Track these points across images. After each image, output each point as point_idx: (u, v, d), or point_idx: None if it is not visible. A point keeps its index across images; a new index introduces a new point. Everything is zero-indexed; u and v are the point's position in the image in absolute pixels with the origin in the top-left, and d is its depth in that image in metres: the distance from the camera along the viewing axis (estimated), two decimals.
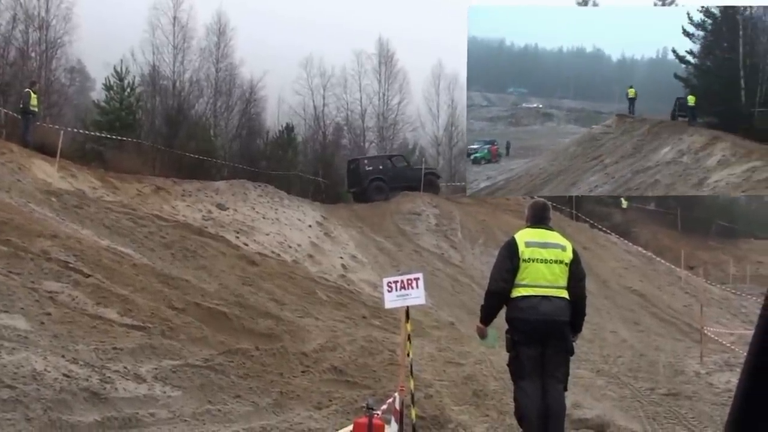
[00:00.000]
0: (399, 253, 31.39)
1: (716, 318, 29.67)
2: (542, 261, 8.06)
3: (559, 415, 8.13)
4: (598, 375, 14.44)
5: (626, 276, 35.71)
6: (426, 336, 17.97)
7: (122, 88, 37.19)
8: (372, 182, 39.05)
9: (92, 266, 14.30)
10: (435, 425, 9.31)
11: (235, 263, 21.71)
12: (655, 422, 10.75)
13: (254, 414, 9.30)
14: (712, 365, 15.98)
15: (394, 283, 8.71)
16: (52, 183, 23.25)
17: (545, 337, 8.08)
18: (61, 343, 9.99)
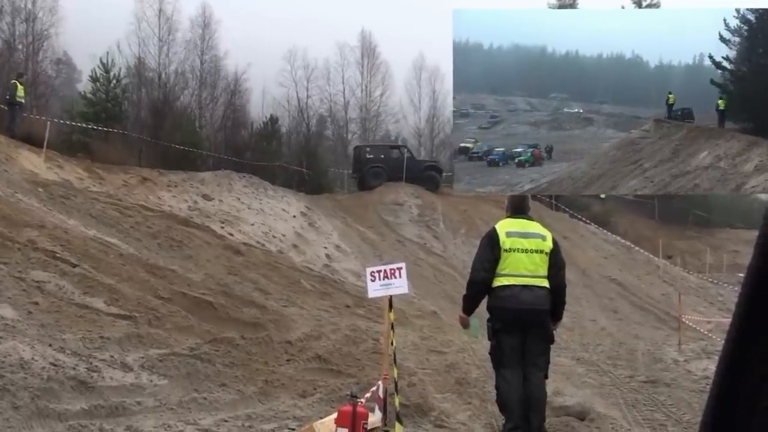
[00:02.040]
0: (382, 243, 31.57)
1: (694, 306, 29.93)
2: (523, 251, 8.19)
3: (540, 403, 8.27)
4: (578, 363, 14.58)
5: (605, 265, 36.01)
6: (409, 325, 18.10)
7: (108, 80, 37.12)
8: (371, 169, 39.26)
9: (79, 256, 14.38)
10: (418, 413, 9.37)
11: (221, 253, 21.80)
12: (635, 409, 10.87)
13: (240, 402, 9.37)
14: (689, 353, 16.13)
15: (377, 272, 8.76)
16: (39, 173, 23.27)
17: (526, 326, 8.22)
18: (48, 332, 10.07)
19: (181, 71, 45.07)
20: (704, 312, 28.58)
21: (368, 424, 7.42)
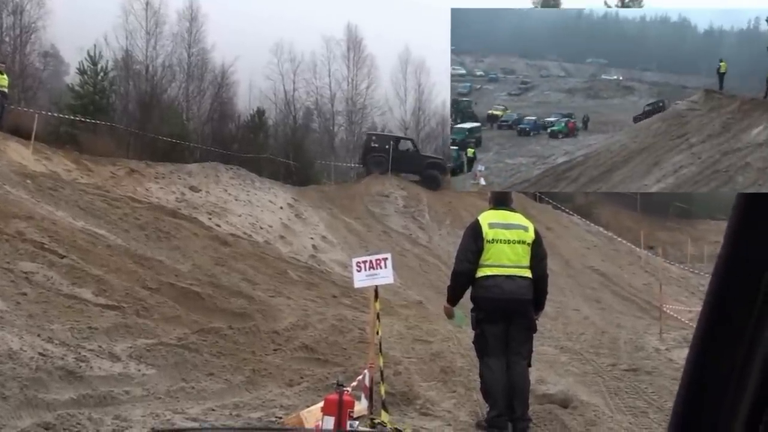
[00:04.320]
0: (368, 234, 31.68)
1: (675, 296, 30.15)
2: (505, 241, 8.31)
3: (524, 391, 8.41)
4: (561, 351, 14.70)
5: (588, 256, 36.23)
6: (395, 315, 18.19)
7: (96, 73, 37.08)
8: (373, 157, 39.54)
9: (67, 247, 14.43)
10: (404, 401, 9.43)
11: (208, 244, 21.85)
12: (617, 397, 10.99)
13: (227, 391, 9.44)
14: (671, 341, 16.28)
15: (363, 263, 8.82)
16: (27, 165, 23.27)
17: (509, 315, 8.34)
18: (36, 322, 10.13)
19: (168, 64, 45.19)
20: (685, 301, 28.79)
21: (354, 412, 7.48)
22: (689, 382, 1.39)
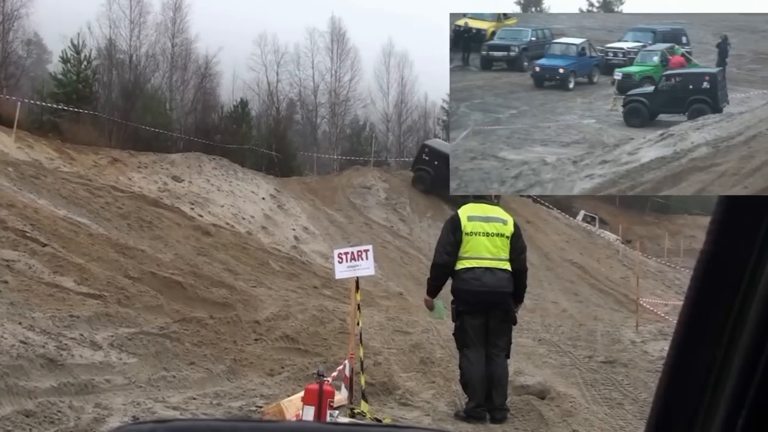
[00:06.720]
0: (350, 226, 31.79)
1: (651, 289, 30.43)
2: (484, 234, 8.42)
3: (502, 382, 8.54)
4: (539, 343, 14.83)
5: (567, 249, 36.49)
6: (375, 306, 18.29)
7: (79, 61, 36.87)
8: (418, 170, 37.75)
9: (49, 235, 14.43)
10: (383, 391, 9.51)
11: (190, 234, 21.88)
12: (593, 388, 11.13)
13: (208, 380, 9.48)
14: (647, 334, 16.42)
15: (344, 254, 8.89)
16: (9, 153, 23.20)
17: (489, 308, 8.47)
18: (18, 310, 10.12)
19: (152, 53, 44.88)
20: (661, 295, 29.06)
21: (334, 402, 7.55)
22: (668, 383, 1.37)
